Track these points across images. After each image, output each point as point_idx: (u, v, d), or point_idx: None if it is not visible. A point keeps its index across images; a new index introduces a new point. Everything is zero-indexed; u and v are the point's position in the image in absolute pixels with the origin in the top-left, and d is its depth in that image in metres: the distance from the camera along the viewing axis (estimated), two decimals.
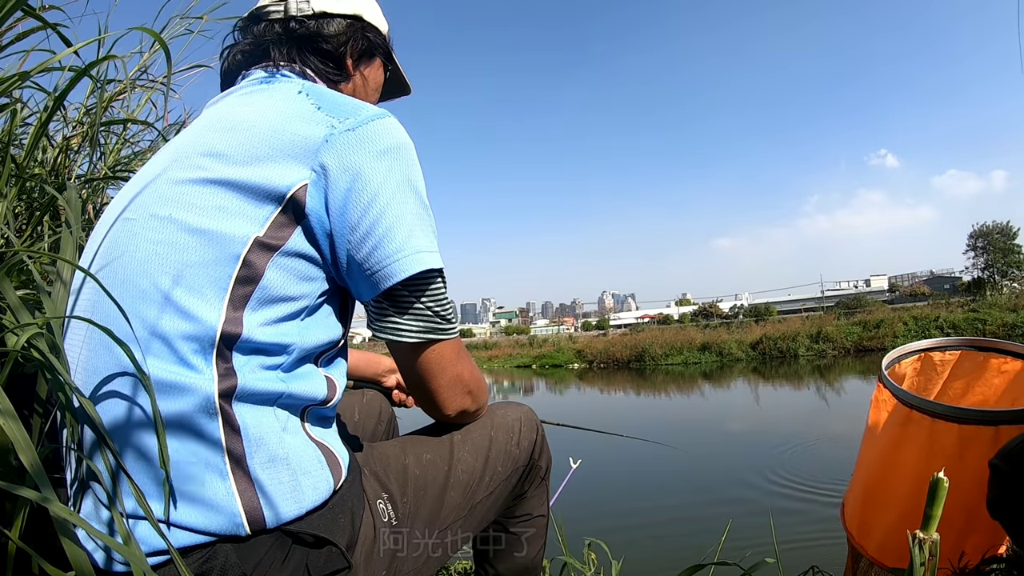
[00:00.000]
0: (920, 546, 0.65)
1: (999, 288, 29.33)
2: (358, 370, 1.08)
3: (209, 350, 0.54)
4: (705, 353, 23.78)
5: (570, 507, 3.80)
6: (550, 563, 1.61)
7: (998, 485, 0.79)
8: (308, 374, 0.62)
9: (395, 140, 0.64)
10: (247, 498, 0.54)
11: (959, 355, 1.48)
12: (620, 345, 26.15)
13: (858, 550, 1.30)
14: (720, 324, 33.54)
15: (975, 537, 1.10)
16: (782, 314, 38.01)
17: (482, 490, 0.79)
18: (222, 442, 0.54)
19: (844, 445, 5.94)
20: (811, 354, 21.86)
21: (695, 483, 5.39)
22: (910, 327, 21.44)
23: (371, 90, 0.86)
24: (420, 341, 0.66)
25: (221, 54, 0.80)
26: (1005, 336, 17.42)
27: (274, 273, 0.58)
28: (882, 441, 1.31)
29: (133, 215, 0.60)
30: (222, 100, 0.71)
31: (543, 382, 21.13)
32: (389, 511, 0.69)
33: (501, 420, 0.84)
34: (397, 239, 0.62)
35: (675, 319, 49.18)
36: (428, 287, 0.65)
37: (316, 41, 0.76)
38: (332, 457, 0.63)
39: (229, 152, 0.60)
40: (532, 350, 30.42)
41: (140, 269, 0.57)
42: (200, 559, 0.53)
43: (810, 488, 4.82)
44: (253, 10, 0.79)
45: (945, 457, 1.13)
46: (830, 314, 29.08)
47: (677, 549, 3.71)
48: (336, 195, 0.60)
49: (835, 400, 10.79)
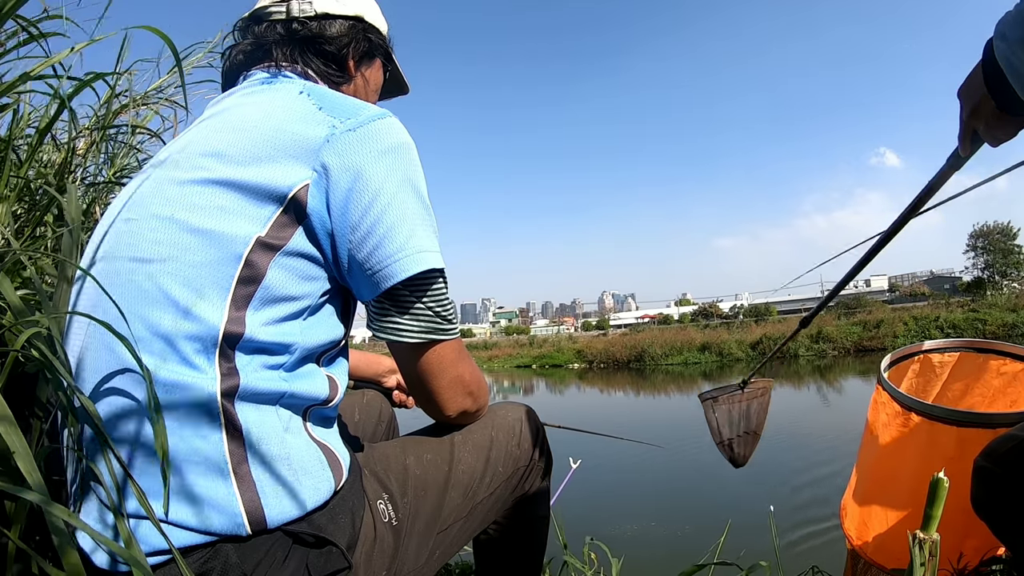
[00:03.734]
0: (920, 546, 0.65)
1: (999, 288, 29.34)
2: (359, 370, 1.08)
3: (212, 350, 0.54)
4: (705, 353, 23.79)
5: (570, 507, 3.80)
6: (550, 563, 1.61)
7: (983, 484, 0.80)
8: (310, 374, 0.62)
9: (396, 140, 0.65)
10: (248, 498, 0.54)
11: (958, 357, 1.48)
12: (620, 345, 26.16)
13: (857, 551, 1.30)
14: (720, 324, 33.54)
15: (974, 538, 1.10)
16: (782, 314, 38.01)
17: (483, 490, 0.79)
18: (224, 442, 0.54)
19: (844, 446, 5.95)
20: (811, 354, 21.87)
21: (695, 483, 5.40)
22: (910, 327, 21.44)
23: (371, 91, 0.86)
24: (421, 341, 0.66)
25: (223, 55, 0.80)
26: (1005, 336, 17.41)
27: (276, 273, 0.58)
28: (881, 443, 1.31)
29: (135, 215, 0.60)
30: (224, 100, 0.71)
31: (543, 382, 21.12)
32: (390, 511, 0.69)
33: (502, 420, 0.84)
34: (398, 239, 0.62)
35: (675, 319, 49.19)
36: (429, 287, 0.65)
37: (318, 43, 0.76)
38: (333, 457, 0.63)
39: (231, 152, 0.60)
40: (532, 350, 30.43)
41: (142, 269, 0.57)
42: (201, 559, 0.53)
43: (810, 489, 4.82)
44: (254, 10, 0.79)
45: (944, 459, 1.13)
46: (830, 314, 29.09)
47: (677, 549, 3.71)
48: (337, 195, 0.60)
49: (835, 400, 10.79)
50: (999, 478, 0.77)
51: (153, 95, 1.30)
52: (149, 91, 1.28)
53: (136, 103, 1.25)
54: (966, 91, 0.67)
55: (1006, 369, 1.39)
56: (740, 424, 1.64)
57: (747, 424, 1.65)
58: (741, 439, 1.64)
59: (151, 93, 1.29)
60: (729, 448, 1.64)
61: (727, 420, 1.64)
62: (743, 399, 1.65)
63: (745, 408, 1.65)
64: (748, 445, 1.65)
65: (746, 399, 1.65)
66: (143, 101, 1.28)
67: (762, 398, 1.67)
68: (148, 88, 1.28)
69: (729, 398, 1.65)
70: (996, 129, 0.65)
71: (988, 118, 0.64)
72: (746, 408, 1.65)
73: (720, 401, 1.65)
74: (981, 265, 34.42)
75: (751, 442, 1.65)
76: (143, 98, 1.27)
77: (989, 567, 1.11)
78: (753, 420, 1.65)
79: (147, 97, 1.28)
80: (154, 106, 1.32)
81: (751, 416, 1.65)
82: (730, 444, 1.63)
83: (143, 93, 1.27)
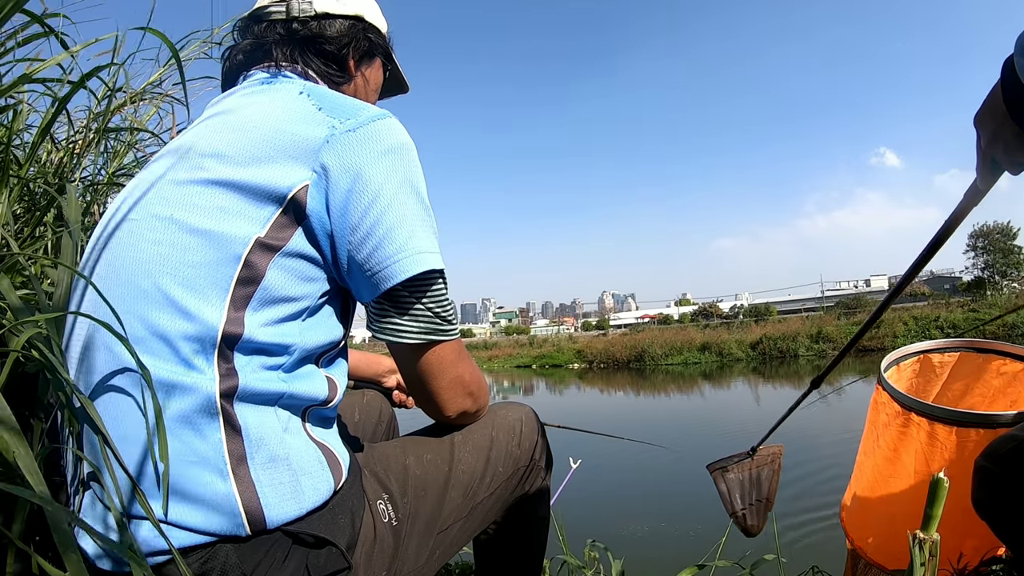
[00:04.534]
0: (920, 546, 0.65)
1: (999, 288, 29.34)
2: (358, 370, 1.08)
3: (210, 350, 0.54)
4: (705, 353, 23.79)
5: (570, 507, 3.80)
6: (550, 563, 1.61)
7: (984, 484, 0.80)
8: (309, 374, 0.62)
9: (396, 141, 0.65)
10: (247, 498, 0.54)
11: (958, 357, 1.48)
12: (620, 345, 26.16)
13: (857, 551, 1.30)
14: (720, 324, 33.54)
15: (974, 538, 1.10)
16: (782, 314, 38.02)
17: (483, 490, 0.79)
18: (223, 442, 0.54)
19: (844, 446, 5.95)
20: (811, 354, 21.87)
21: (695, 483, 5.39)
22: (910, 327, 21.44)
23: (371, 90, 0.86)
24: (420, 342, 0.66)
25: (223, 55, 0.80)
26: (1005, 336, 17.41)
27: (275, 274, 0.58)
28: (881, 443, 1.31)
29: (135, 215, 0.60)
30: (223, 100, 0.71)
31: (543, 382, 21.12)
32: (389, 511, 0.69)
33: (502, 420, 0.84)
34: (398, 240, 0.62)
35: (675, 319, 49.20)
36: (429, 288, 0.65)
37: (318, 42, 0.76)
38: (333, 457, 0.63)
39: (230, 153, 0.60)
40: (532, 350, 30.44)
41: (141, 269, 0.57)
42: (200, 559, 0.53)
43: (810, 488, 4.82)
44: (254, 10, 0.79)
45: (944, 459, 1.13)
46: (830, 314, 29.08)
47: (677, 549, 3.71)
48: (337, 196, 0.60)
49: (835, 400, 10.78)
50: (1000, 478, 0.77)
51: (150, 90, 1.29)
52: (145, 87, 1.28)
53: (134, 99, 1.25)
54: (983, 117, 0.62)
55: (1006, 369, 1.39)
56: (751, 493, 1.59)
57: (758, 492, 1.60)
58: (753, 508, 1.59)
59: (148, 88, 1.29)
60: (742, 519, 1.58)
61: (738, 489, 1.59)
62: (753, 466, 1.60)
63: (756, 475, 1.60)
64: (760, 514, 1.59)
65: (756, 466, 1.60)
66: (140, 96, 1.27)
67: (772, 464, 1.62)
68: (143, 84, 1.27)
69: (739, 466, 1.60)
70: (1018, 154, 0.60)
71: (1009, 144, 0.60)
72: (756, 475, 1.60)
73: (730, 470, 1.59)
74: (981, 265, 34.41)
75: (763, 510, 1.60)
76: (140, 93, 1.27)
77: (989, 567, 1.11)
78: (764, 487, 1.60)
79: (144, 92, 1.28)
80: (154, 101, 1.32)
81: (762, 483, 1.60)
82: (743, 515, 1.58)
83: (139, 89, 1.26)
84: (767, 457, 1.61)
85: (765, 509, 1.60)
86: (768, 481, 1.61)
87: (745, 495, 1.59)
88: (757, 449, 1.60)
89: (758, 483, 1.60)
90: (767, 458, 1.61)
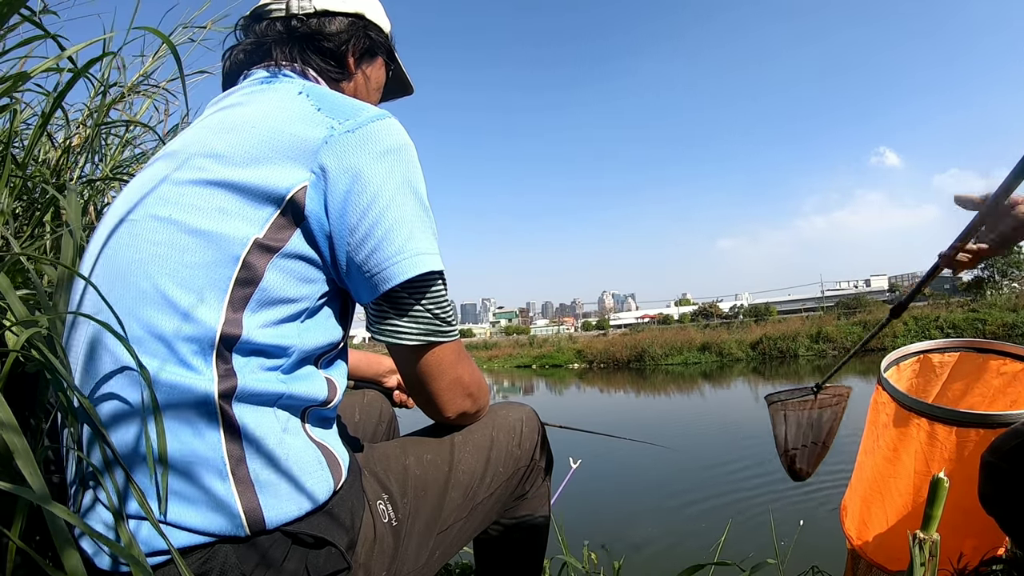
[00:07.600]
0: (920, 546, 0.65)
1: (999, 288, 29.33)
2: (359, 370, 1.08)
3: (209, 351, 0.54)
4: (705, 353, 23.78)
5: (570, 507, 3.80)
6: (550, 563, 1.61)
7: (990, 480, 0.80)
8: (308, 375, 0.62)
9: (395, 141, 0.64)
10: (247, 499, 0.54)
11: (958, 357, 1.48)
12: (620, 345, 26.14)
13: (857, 551, 1.30)
14: (720, 324, 33.53)
15: (974, 538, 1.10)
16: (782, 314, 38.01)
17: (483, 490, 0.79)
18: (222, 442, 0.54)
19: (844, 446, 5.95)
20: (811, 354, 21.86)
21: (695, 483, 5.39)
22: (910, 327, 21.42)
23: (373, 89, 0.86)
24: (420, 344, 0.66)
25: (223, 54, 0.80)
26: (1005, 336, 17.41)
27: (274, 275, 0.58)
28: (881, 443, 1.31)
29: (134, 216, 0.60)
30: (223, 100, 0.71)
31: (543, 382, 21.12)
32: (389, 511, 0.69)
33: (503, 420, 0.84)
34: (397, 241, 0.62)
35: (675, 319, 49.19)
36: (428, 289, 0.65)
37: (317, 39, 0.76)
38: (332, 458, 0.63)
39: (229, 153, 0.60)
40: (532, 350, 30.42)
41: (141, 270, 0.57)
42: (199, 559, 0.53)
43: (810, 488, 4.82)
44: (255, 8, 0.79)
45: (944, 459, 1.13)
46: (830, 314, 29.07)
47: (677, 549, 3.71)
48: (335, 197, 0.60)
49: None
50: (1005, 473, 0.77)
51: (141, 82, 1.29)
52: (136, 78, 1.27)
53: (128, 92, 1.24)
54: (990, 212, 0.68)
55: (1006, 369, 1.39)
56: (807, 434, 1.45)
57: (815, 434, 1.45)
58: (807, 450, 1.45)
59: (138, 81, 1.28)
60: (791, 459, 1.46)
61: (795, 427, 1.45)
62: (814, 405, 1.45)
63: (816, 416, 1.45)
64: (812, 459, 1.46)
65: (818, 406, 1.45)
66: (134, 90, 1.27)
67: (836, 407, 1.46)
68: (134, 77, 1.27)
69: (800, 403, 1.46)
70: None
71: None
72: (817, 416, 1.45)
73: (789, 406, 1.46)
74: (981, 265, 34.37)
75: (817, 455, 1.46)
76: (133, 86, 1.26)
77: (989, 567, 1.11)
78: (823, 431, 1.45)
79: (136, 86, 1.27)
80: (149, 94, 1.31)
81: (821, 425, 1.45)
82: (793, 455, 1.45)
83: (130, 83, 1.26)
84: (832, 397, 1.46)
85: (819, 454, 1.47)
86: (828, 424, 1.45)
87: (800, 435, 1.46)
88: (822, 387, 1.46)
89: (817, 424, 1.45)
90: (832, 398, 1.46)
